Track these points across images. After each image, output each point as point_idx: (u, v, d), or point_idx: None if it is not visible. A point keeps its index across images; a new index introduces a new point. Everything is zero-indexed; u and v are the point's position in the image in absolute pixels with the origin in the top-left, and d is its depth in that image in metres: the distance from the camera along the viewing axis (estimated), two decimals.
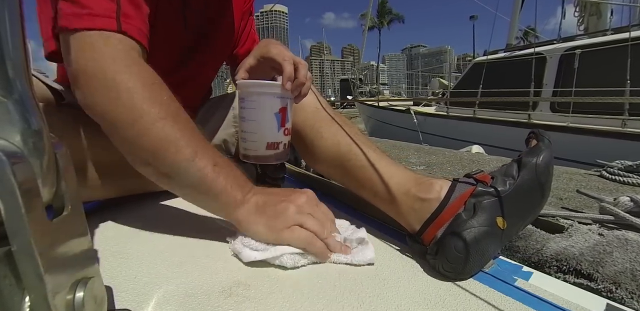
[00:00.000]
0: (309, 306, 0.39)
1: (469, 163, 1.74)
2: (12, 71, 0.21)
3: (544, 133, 0.54)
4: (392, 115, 6.41)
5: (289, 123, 0.63)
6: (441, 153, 2.07)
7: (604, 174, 1.45)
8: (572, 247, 0.65)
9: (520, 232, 0.64)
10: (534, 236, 0.71)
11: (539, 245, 0.68)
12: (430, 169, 1.64)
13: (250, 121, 0.61)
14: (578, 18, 5.16)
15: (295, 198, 0.52)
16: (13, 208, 0.20)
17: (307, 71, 0.61)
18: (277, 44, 0.64)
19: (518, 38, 8.76)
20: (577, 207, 0.96)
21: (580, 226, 0.72)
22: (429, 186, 0.53)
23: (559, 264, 0.64)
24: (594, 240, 0.66)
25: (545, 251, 0.67)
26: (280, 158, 0.64)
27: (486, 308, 0.40)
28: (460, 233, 0.46)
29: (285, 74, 0.58)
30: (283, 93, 0.59)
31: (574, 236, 0.69)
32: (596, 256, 0.62)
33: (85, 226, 0.27)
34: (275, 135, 0.61)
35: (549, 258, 0.66)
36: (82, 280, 0.25)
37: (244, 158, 0.64)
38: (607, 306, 0.42)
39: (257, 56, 0.64)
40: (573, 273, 0.62)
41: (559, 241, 0.68)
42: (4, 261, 0.21)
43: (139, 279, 0.42)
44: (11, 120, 0.21)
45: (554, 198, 1.08)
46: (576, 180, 1.38)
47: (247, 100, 0.61)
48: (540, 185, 0.50)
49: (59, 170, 0.24)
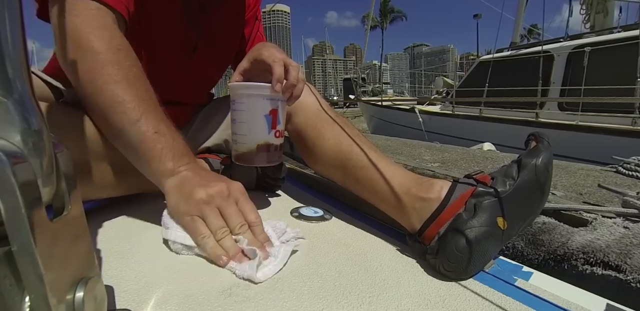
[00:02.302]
0: (309, 306, 0.39)
1: (482, 160, 1.74)
2: (12, 71, 0.21)
3: (543, 135, 0.54)
4: (396, 114, 6.40)
5: (280, 126, 0.62)
6: (453, 151, 2.06)
7: (621, 170, 1.46)
8: (598, 240, 0.66)
9: (520, 232, 0.64)
10: (557, 230, 0.71)
11: (564, 238, 0.69)
12: (446, 166, 1.65)
13: (240, 123, 0.61)
14: (584, 16, 5.14)
15: (213, 185, 0.49)
16: (13, 208, 0.20)
17: (298, 73, 0.60)
18: (270, 47, 0.64)
19: (522, 36, 8.72)
20: (597, 202, 0.97)
21: (604, 219, 0.73)
22: (430, 186, 0.53)
23: (586, 256, 0.65)
24: (620, 233, 0.67)
25: (571, 245, 0.67)
26: (272, 160, 0.64)
27: (486, 308, 0.40)
28: (460, 233, 0.46)
29: (275, 75, 0.58)
30: (273, 95, 0.59)
31: (598, 229, 0.70)
32: (623, 249, 0.62)
33: (85, 226, 0.27)
34: (265, 137, 0.61)
35: (576, 250, 0.66)
36: (82, 280, 0.25)
37: (236, 160, 0.64)
38: (607, 307, 0.42)
39: (250, 59, 0.65)
40: (600, 265, 0.63)
41: (583, 235, 0.69)
42: (4, 261, 0.21)
43: (139, 279, 0.42)
44: (11, 120, 0.21)
45: (574, 194, 1.09)
46: (593, 176, 1.39)
47: (237, 102, 0.61)
48: (540, 185, 0.50)
49: (59, 170, 0.24)
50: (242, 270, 0.43)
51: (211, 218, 0.47)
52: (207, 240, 0.46)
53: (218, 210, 0.48)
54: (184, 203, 0.48)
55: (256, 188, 0.82)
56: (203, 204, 0.47)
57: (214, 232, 0.46)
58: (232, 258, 0.45)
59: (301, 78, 0.61)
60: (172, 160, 0.51)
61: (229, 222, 0.48)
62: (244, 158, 0.62)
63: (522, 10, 6.10)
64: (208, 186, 0.49)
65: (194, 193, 0.48)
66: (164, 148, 0.51)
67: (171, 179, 0.51)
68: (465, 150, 2.14)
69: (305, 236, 0.57)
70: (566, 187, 1.28)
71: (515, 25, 6.14)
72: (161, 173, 0.51)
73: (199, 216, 0.47)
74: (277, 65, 0.59)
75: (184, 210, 0.48)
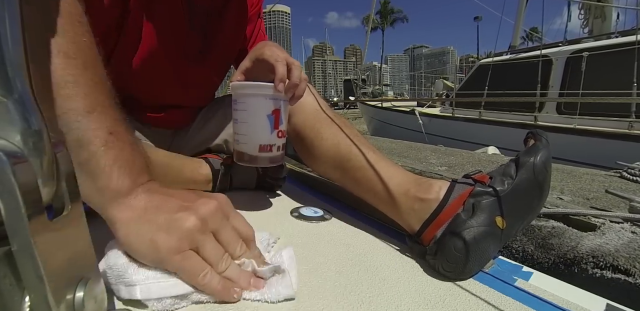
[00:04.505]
0: (309, 306, 0.39)
1: (488, 164, 1.75)
2: (12, 71, 0.21)
3: (542, 133, 0.54)
4: (396, 116, 6.41)
5: (283, 126, 0.62)
6: (459, 154, 2.08)
7: (625, 175, 1.47)
8: (607, 244, 0.68)
9: (520, 231, 0.65)
10: (567, 234, 0.73)
11: (573, 242, 0.71)
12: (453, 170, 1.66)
13: (242, 123, 0.60)
14: (582, 20, 5.17)
15: (200, 205, 0.38)
16: (13, 208, 0.20)
17: (300, 72, 0.60)
18: (271, 46, 0.64)
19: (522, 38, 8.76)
20: (604, 207, 0.99)
21: (612, 224, 0.75)
22: (428, 186, 0.53)
23: (595, 260, 0.67)
24: (628, 238, 0.69)
25: (580, 249, 0.69)
26: (275, 160, 0.63)
27: (486, 308, 0.40)
28: (459, 233, 0.46)
29: (277, 75, 0.58)
30: (275, 94, 0.58)
31: (607, 234, 0.72)
32: (632, 253, 0.64)
33: (85, 226, 0.27)
34: (267, 138, 0.61)
35: (585, 254, 0.68)
36: (82, 280, 0.25)
37: (238, 161, 0.63)
38: (607, 307, 0.42)
39: (252, 58, 0.64)
40: (610, 268, 0.64)
41: (592, 239, 0.71)
42: (4, 261, 0.21)
43: None
44: (11, 120, 0.21)
45: (581, 198, 1.11)
46: (599, 181, 1.41)
47: (238, 101, 0.60)
48: (539, 184, 0.50)
49: (59, 170, 0.24)
50: (274, 294, 0.38)
51: (208, 248, 0.37)
52: (209, 276, 0.36)
53: (212, 236, 0.38)
54: (165, 237, 0.35)
55: (256, 188, 0.82)
56: (196, 232, 0.36)
57: (214, 264, 0.37)
58: (247, 288, 0.38)
59: (304, 77, 0.61)
60: (128, 176, 0.37)
61: (228, 246, 0.39)
62: (246, 159, 0.62)
63: (521, 14, 6.13)
64: (193, 208, 0.37)
65: (180, 221, 0.36)
66: (118, 158, 0.37)
67: (127, 204, 0.36)
68: (471, 154, 2.15)
69: (305, 236, 0.57)
70: (573, 191, 1.30)
71: (515, 28, 6.16)
72: (111, 194, 0.36)
73: (192, 249, 0.36)
74: (280, 65, 0.58)
75: (169, 246, 0.35)
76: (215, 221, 0.38)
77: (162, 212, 0.36)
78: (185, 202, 0.38)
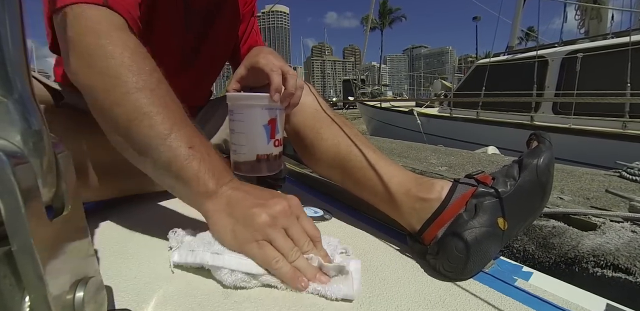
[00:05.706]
0: (309, 306, 0.39)
1: (489, 164, 1.75)
2: (12, 71, 0.21)
3: (545, 135, 0.54)
4: (395, 116, 6.42)
5: (279, 134, 0.62)
6: (459, 154, 2.08)
7: (624, 175, 1.48)
8: (607, 243, 0.68)
9: (522, 232, 0.65)
10: (567, 234, 0.74)
11: (574, 241, 0.71)
12: (453, 170, 1.66)
13: (239, 133, 0.61)
14: (579, 21, 5.21)
15: (273, 204, 0.44)
16: (13, 208, 0.20)
17: (296, 81, 0.60)
18: (267, 53, 0.64)
19: (520, 38, 8.80)
20: (604, 206, 0.99)
21: (612, 224, 0.76)
22: (430, 186, 0.53)
23: (596, 259, 0.67)
24: (628, 237, 0.70)
25: (581, 248, 0.69)
26: (273, 169, 0.64)
27: (486, 308, 0.40)
28: (461, 234, 0.46)
29: (273, 85, 0.58)
30: (271, 104, 0.58)
31: (607, 233, 0.72)
32: (632, 252, 0.65)
33: (85, 226, 0.27)
34: (265, 147, 0.61)
35: (586, 254, 0.68)
36: (82, 280, 0.25)
37: (236, 170, 0.63)
38: (607, 307, 0.42)
39: (247, 66, 0.64)
40: (611, 267, 0.65)
41: (593, 238, 0.71)
42: (4, 261, 0.21)
43: (139, 279, 0.42)
44: (11, 120, 0.21)
45: (582, 198, 1.12)
46: (598, 181, 1.41)
47: (235, 112, 0.60)
48: (541, 186, 0.50)
49: (59, 170, 0.24)
50: (335, 290, 0.40)
51: (280, 240, 0.42)
52: (281, 263, 0.41)
53: (284, 231, 0.43)
54: (242, 229, 0.42)
55: None
56: (268, 227, 0.42)
57: (286, 254, 0.42)
58: (312, 280, 0.41)
59: (299, 85, 0.61)
60: (212, 179, 0.45)
61: (297, 242, 0.44)
62: (244, 169, 0.62)
63: (518, 15, 6.15)
64: (267, 206, 0.43)
65: (254, 216, 0.42)
66: (202, 166, 0.45)
67: (214, 201, 0.45)
68: (471, 154, 2.16)
69: None
70: (573, 191, 1.30)
71: (513, 29, 6.18)
72: (201, 195, 0.45)
73: (266, 240, 0.42)
74: (276, 75, 0.59)
75: (246, 237, 0.42)
76: (285, 219, 0.44)
77: (239, 207, 0.44)
78: (259, 199, 0.45)
